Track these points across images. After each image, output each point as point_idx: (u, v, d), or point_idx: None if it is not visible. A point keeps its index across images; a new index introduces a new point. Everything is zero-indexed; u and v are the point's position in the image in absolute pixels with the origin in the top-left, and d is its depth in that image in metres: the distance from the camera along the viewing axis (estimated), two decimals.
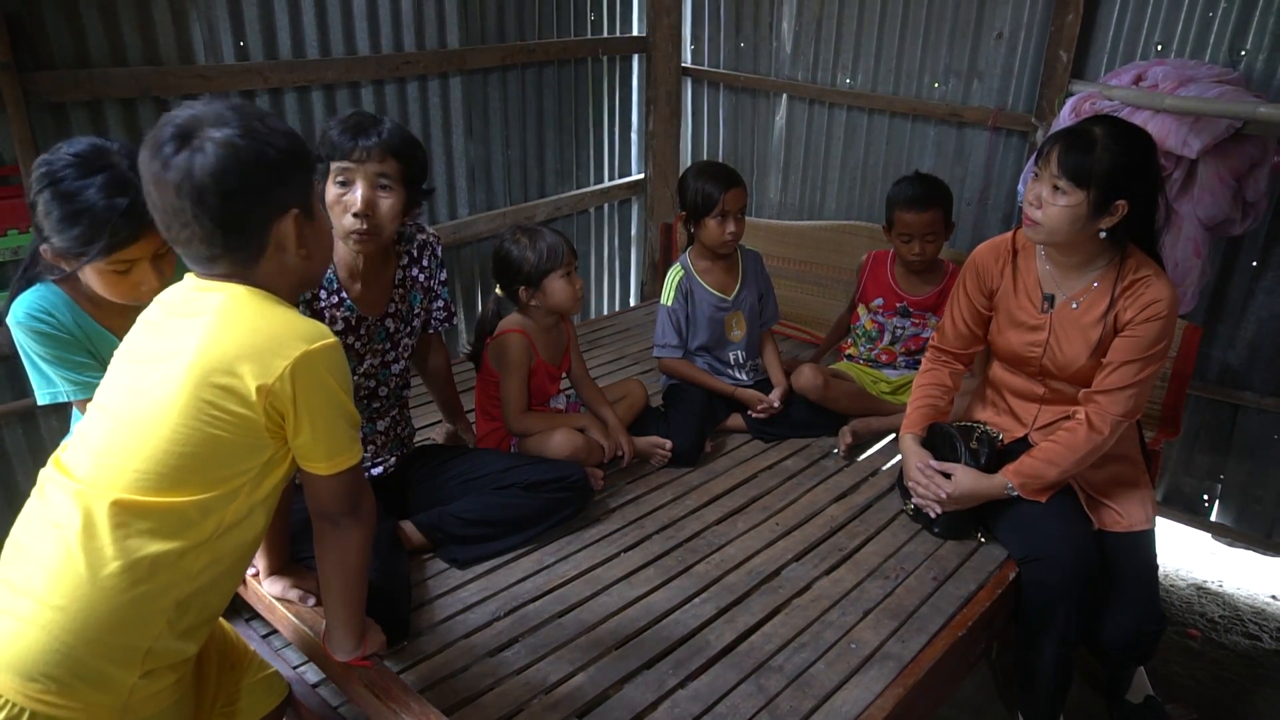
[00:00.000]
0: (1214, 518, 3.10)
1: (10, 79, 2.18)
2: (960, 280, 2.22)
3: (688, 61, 3.96)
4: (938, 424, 2.23)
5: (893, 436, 2.60)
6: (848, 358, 2.93)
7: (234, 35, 2.64)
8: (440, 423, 2.52)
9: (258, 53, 2.71)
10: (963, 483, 2.07)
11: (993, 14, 3.09)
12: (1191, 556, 3.13)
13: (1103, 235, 1.91)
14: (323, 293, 1.92)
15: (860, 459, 2.58)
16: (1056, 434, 2.04)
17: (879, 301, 2.82)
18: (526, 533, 2.09)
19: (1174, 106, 2.41)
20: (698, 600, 1.94)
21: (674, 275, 2.70)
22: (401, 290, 2.06)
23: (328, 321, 1.91)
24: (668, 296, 2.69)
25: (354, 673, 1.61)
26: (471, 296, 3.55)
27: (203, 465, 1.22)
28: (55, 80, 2.30)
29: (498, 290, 2.35)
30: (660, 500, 2.32)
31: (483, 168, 3.45)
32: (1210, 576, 3.03)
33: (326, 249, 1.41)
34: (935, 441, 2.21)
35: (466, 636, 1.80)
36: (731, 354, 2.76)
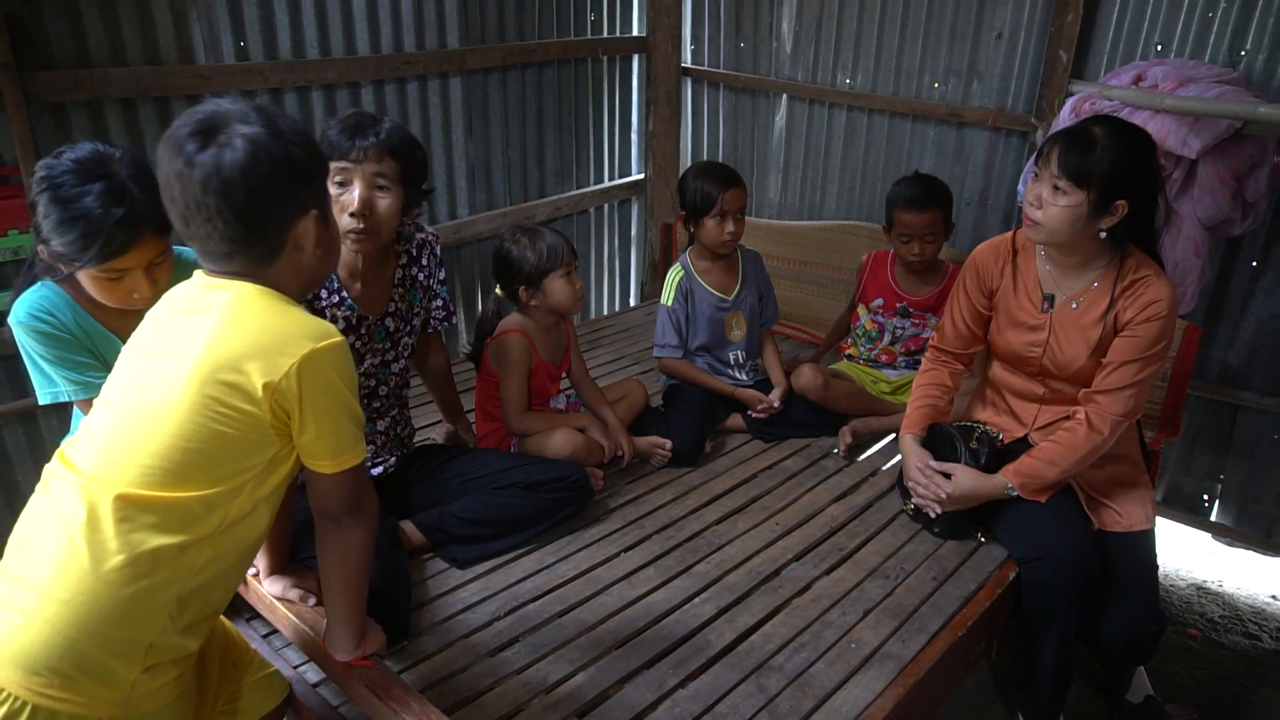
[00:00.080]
0: (1214, 518, 3.10)
1: (10, 79, 2.18)
2: (960, 280, 2.22)
3: (688, 61, 3.96)
4: (938, 424, 2.23)
5: (893, 436, 2.60)
6: (848, 358, 2.93)
7: (234, 35, 2.64)
8: (440, 423, 2.52)
9: (258, 53, 2.71)
10: (962, 483, 2.07)
11: (992, 14, 3.09)
12: (1191, 556, 3.13)
13: (1103, 235, 1.91)
14: (323, 292, 1.92)
15: (860, 459, 2.58)
16: (1056, 434, 2.04)
17: (879, 302, 2.82)
18: (527, 533, 2.09)
19: (1174, 106, 2.41)
20: (698, 600, 1.94)
21: (674, 275, 2.70)
22: (401, 289, 2.06)
23: (328, 321, 1.90)
24: (668, 296, 2.69)
25: (354, 672, 1.61)
26: (471, 296, 3.55)
27: (208, 461, 1.23)
28: (55, 80, 2.30)
29: (498, 290, 2.35)
30: (660, 500, 2.32)
31: (483, 168, 3.45)
32: (1210, 576, 3.03)
33: (338, 251, 1.42)
34: (935, 441, 2.21)
35: (467, 636, 1.80)
36: (731, 354, 2.76)
